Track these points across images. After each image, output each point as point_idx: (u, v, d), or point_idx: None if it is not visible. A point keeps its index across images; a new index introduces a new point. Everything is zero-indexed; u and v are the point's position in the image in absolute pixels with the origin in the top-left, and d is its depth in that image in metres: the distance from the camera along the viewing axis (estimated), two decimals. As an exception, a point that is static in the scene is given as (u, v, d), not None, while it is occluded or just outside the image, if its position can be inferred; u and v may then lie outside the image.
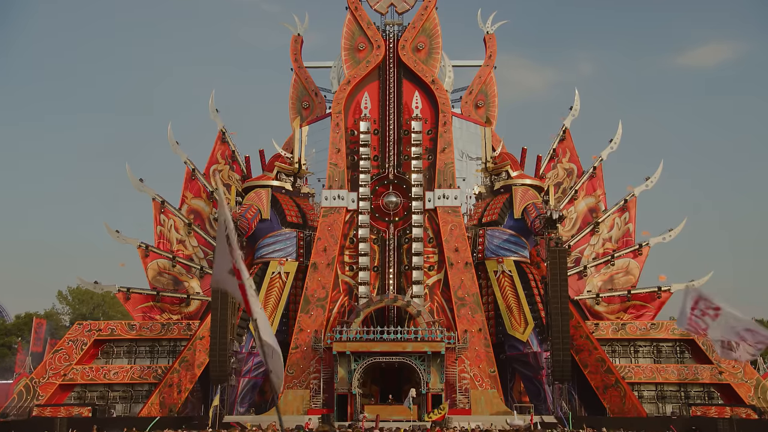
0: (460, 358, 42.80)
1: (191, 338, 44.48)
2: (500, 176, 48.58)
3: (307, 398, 42.57)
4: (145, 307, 48.18)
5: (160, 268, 48.95)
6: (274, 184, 48.19)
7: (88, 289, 72.38)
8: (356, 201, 46.51)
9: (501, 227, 47.09)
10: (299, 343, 43.93)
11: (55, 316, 78.54)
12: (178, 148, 51.65)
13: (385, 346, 40.86)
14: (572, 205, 49.61)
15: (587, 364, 42.95)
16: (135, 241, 49.22)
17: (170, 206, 50.23)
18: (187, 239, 49.87)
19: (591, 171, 50.23)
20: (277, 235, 47.16)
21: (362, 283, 45.45)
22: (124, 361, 46.30)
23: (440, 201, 46.10)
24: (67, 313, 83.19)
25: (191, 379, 43.85)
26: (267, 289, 45.62)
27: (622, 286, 47.44)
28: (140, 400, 45.05)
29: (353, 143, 48.06)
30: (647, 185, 48.90)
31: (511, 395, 45.72)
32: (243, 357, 44.18)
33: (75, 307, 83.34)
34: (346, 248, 46.73)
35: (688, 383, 43.53)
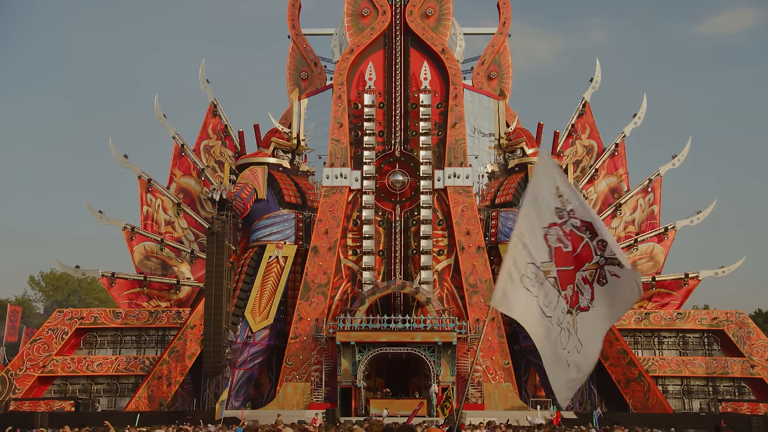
0: (472, 349, 42.82)
1: (181, 327, 44.35)
2: (515, 154, 48.42)
3: (307, 392, 42.57)
4: (131, 294, 48.06)
5: (147, 252, 48.78)
6: (270, 161, 47.90)
7: (64, 275, 72.47)
8: (360, 180, 46.30)
9: (516, 209, 46.93)
10: (299, 332, 43.86)
11: (27, 303, 78.34)
12: (165, 121, 51.33)
13: (392, 336, 40.82)
14: (592, 185, 49.56)
15: (608, 357, 42.98)
16: (120, 222, 49.02)
17: (158, 185, 49.99)
18: (176, 220, 49.67)
19: (613, 148, 50.15)
20: (275, 216, 46.95)
21: (366, 268, 45.34)
22: (109, 351, 46.18)
23: (450, 180, 45.93)
24: (40, 300, 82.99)
25: (182, 371, 43.76)
26: (264, 275, 45.45)
27: (645, 272, 47.50)
28: (126, 394, 44.98)
29: (357, 117, 47.77)
30: (674, 164, 48.92)
31: (525, 389, 45.82)
32: (238, 347, 44.09)
33: (49, 293, 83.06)
34: (349, 231, 46.56)
35: (717, 377, 43.72)
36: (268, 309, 44.96)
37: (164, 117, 51.25)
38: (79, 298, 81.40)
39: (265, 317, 44.88)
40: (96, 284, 75.56)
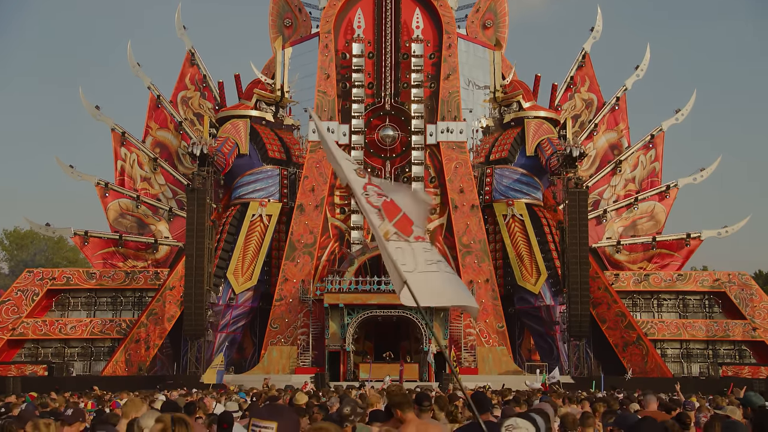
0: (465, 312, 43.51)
1: (160, 288, 44.79)
2: (511, 107, 48.77)
3: (294, 356, 43.30)
4: (105, 253, 48.29)
5: (123, 209, 48.93)
6: (253, 114, 47.96)
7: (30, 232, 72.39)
8: (348, 135, 46.52)
9: (511, 165, 47.50)
10: (284, 294, 44.44)
11: (-11, 263, 78.32)
12: (139, 70, 51.08)
13: (382, 298, 41.43)
14: (591, 140, 50.09)
15: (605, 319, 44.02)
16: (92, 178, 49.03)
17: (132, 138, 49.95)
18: (152, 176, 49.76)
19: (613, 102, 50.59)
20: (258, 172, 47.20)
21: (355, 227, 45.85)
22: (83, 314, 46.59)
23: (443, 135, 46.28)
24: (4, 260, 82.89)
25: (161, 334, 44.33)
26: (246, 234, 45.86)
27: (645, 232, 48.34)
28: (102, 358, 45.53)
29: (344, 68, 47.82)
30: (677, 119, 49.44)
31: (519, 353, 46.83)
32: (220, 310, 44.65)
33: (12, 252, 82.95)
34: (337, 188, 46.93)
35: (717, 340, 44.86)
36: (251, 270, 45.46)
37: (138, 66, 50.99)
38: (46, 257, 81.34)
39: (249, 278, 45.39)
40: (64, 243, 75.64)
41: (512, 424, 4.15)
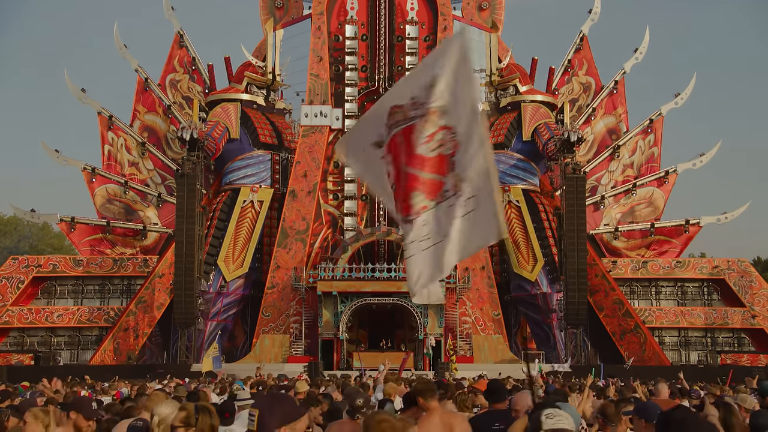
0: (461, 299, 43.84)
1: (149, 276, 44.85)
2: (507, 91, 48.84)
3: (286, 344, 43.49)
4: (93, 240, 48.26)
5: (110, 195, 48.89)
6: (243, 97, 47.92)
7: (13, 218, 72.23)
8: (341, 119, 46.57)
9: (507, 150, 47.61)
10: (276, 282, 44.57)
11: (-29, 250, 78.08)
12: (126, 52, 50.93)
13: (376, 285, 41.66)
14: (589, 125, 50.21)
15: (603, 307, 44.32)
16: (79, 162, 48.93)
17: (120, 122, 49.86)
18: (140, 161, 49.71)
19: (611, 86, 50.70)
20: (249, 157, 47.22)
21: (348, 213, 45.95)
22: (70, 301, 46.63)
23: (439, 119, 46.25)
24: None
25: (150, 322, 44.42)
26: (237, 220, 45.91)
27: (644, 218, 48.60)
28: (89, 347, 45.61)
29: (337, 51, 47.78)
30: (676, 103, 49.59)
31: (515, 341, 47.06)
32: (211, 297, 44.75)
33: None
34: (330, 173, 47.03)
35: (716, 328, 45.23)
36: (242, 257, 45.55)
37: (125, 48, 50.82)
38: (30, 244, 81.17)
39: (240, 266, 45.48)
40: (49, 230, 75.49)
41: (552, 413, 4.16)
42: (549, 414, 4.17)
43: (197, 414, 4.78)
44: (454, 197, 5.26)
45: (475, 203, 5.18)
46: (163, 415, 5.25)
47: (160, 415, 5.27)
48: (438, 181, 5.31)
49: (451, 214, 5.21)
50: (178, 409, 4.86)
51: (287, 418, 3.84)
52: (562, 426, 4.16)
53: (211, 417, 4.82)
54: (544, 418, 4.18)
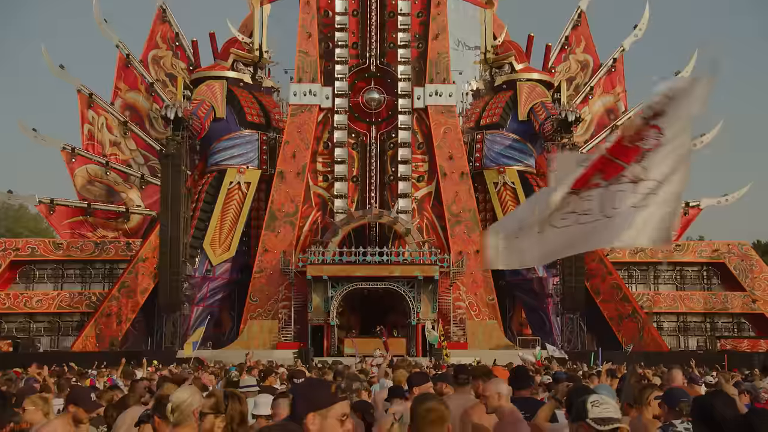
0: (454, 284, 44.12)
1: (132, 260, 44.89)
2: (502, 69, 49.00)
3: (275, 330, 43.72)
4: (73, 223, 48.21)
5: (91, 176, 48.81)
6: (229, 75, 47.87)
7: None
8: (331, 98, 46.58)
9: (503, 131, 47.81)
10: (264, 266, 44.72)
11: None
12: (107, 27, 50.69)
13: (368, 270, 41.89)
14: (586, 104, 50.48)
15: (600, 292, 44.70)
16: (57, 142, 48.79)
17: (100, 100, 49.71)
18: (122, 141, 49.63)
19: (610, 64, 50.92)
20: (235, 137, 47.24)
21: (338, 195, 46.06)
22: (49, 286, 46.63)
23: (432, 99, 46.45)
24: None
25: (133, 307, 44.49)
26: (224, 203, 45.98)
27: (642, 201, 48.93)
28: (70, 333, 45.67)
29: (327, 27, 47.71)
30: (677, 82, 49.81)
31: (510, 327, 47.41)
32: (196, 282, 44.88)
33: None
34: (320, 154, 47.09)
35: (716, 313, 45.73)
36: (229, 240, 45.66)
37: (105, 22, 50.58)
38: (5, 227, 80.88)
39: (226, 249, 45.60)
40: (25, 212, 75.18)
41: (598, 400, 4.11)
42: (595, 401, 4.10)
43: (227, 401, 4.85)
44: (629, 185, 5.55)
45: (653, 202, 5.48)
46: (179, 399, 5.32)
47: (177, 399, 5.33)
48: (619, 165, 5.64)
49: (620, 199, 5.51)
50: (206, 395, 4.92)
51: (318, 404, 3.83)
52: (608, 414, 4.09)
53: (241, 403, 4.90)
54: (589, 406, 4.10)
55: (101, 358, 37.92)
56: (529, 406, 6.00)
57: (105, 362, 34.61)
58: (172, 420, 5.18)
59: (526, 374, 6.98)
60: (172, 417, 5.18)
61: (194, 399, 5.34)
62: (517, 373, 6.85)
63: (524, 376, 6.81)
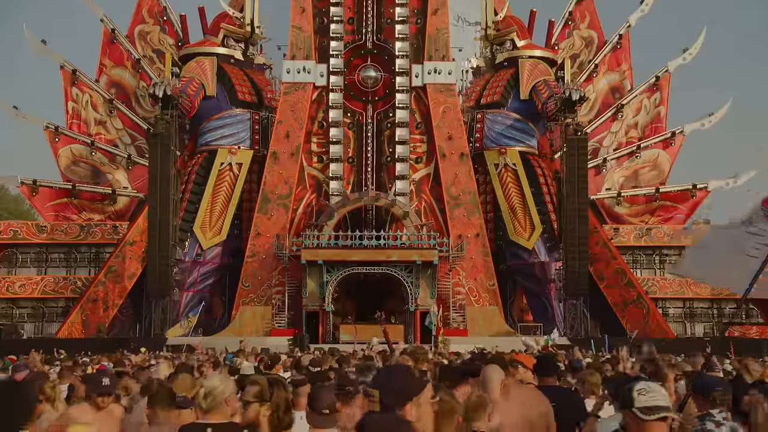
0: (454, 269, 44.40)
1: (119, 243, 45.09)
2: (504, 46, 49.06)
3: (268, 316, 43.97)
4: (57, 205, 48.27)
5: (75, 156, 48.84)
6: (220, 51, 47.88)
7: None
8: (326, 75, 46.62)
9: (504, 110, 47.96)
10: (257, 250, 44.93)
11: None
12: (91, 0, 50.57)
13: (364, 254, 42.11)
14: (590, 82, 50.56)
15: (604, 277, 45.03)
16: (40, 121, 48.78)
17: (85, 77, 49.66)
18: (108, 119, 49.63)
19: (615, 40, 50.97)
20: (226, 116, 47.32)
21: (334, 177, 46.22)
22: (33, 271, 46.84)
23: (430, 77, 46.54)
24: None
25: (120, 293, 44.75)
26: (215, 184, 46.13)
27: (648, 182, 49.20)
28: (55, 319, 45.86)
29: (322, 1, 47.65)
30: (684, 58, 49.87)
31: (511, 313, 47.73)
32: (187, 266, 45.10)
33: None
34: (314, 134, 47.21)
35: (723, 299, 46.09)
36: (220, 223, 45.86)
37: (89, -5, 50.49)
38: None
39: (217, 233, 45.80)
40: (6, 193, 75.06)
41: (645, 388, 4.06)
42: (641, 389, 4.07)
43: (271, 388, 4.92)
44: None
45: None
46: (211, 387, 5.54)
47: (209, 387, 5.54)
48: None
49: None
50: (249, 383, 5.04)
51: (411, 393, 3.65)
52: (656, 403, 4.05)
53: (285, 390, 4.99)
54: (635, 394, 4.06)
55: (88, 345, 38.18)
56: (556, 394, 6.09)
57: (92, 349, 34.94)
58: (204, 406, 5.40)
59: (552, 361, 7.12)
60: (204, 403, 5.41)
61: (226, 386, 5.57)
62: (543, 360, 6.98)
63: (550, 363, 6.94)
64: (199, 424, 5.48)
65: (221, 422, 5.46)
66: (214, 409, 5.43)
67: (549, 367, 6.81)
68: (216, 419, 5.46)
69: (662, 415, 4.05)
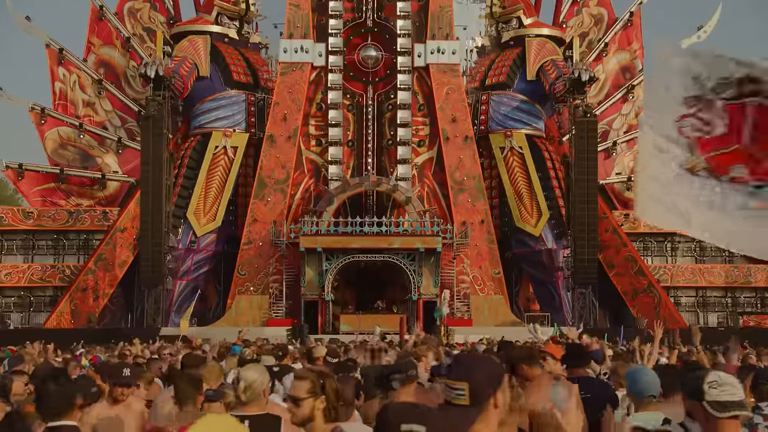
0: (458, 256, 44.67)
1: (109, 230, 45.27)
2: (510, 24, 49.17)
3: (265, 306, 44.25)
4: (44, 190, 48.38)
5: (63, 139, 48.93)
6: (213, 30, 47.98)
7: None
8: (324, 55, 46.73)
9: (510, 91, 48.12)
10: (253, 237, 45.16)
11: None
12: (78, -23, 50.68)
13: (365, 241, 42.36)
14: (600, 62, 50.70)
15: (613, 265, 45.30)
16: (25, 102, 48.86)
17: (72, 56, 49.73)
18: (97, 101, 49.72)
19: (626, 18, 51.08)
20: (221, 98, 47.45)
21: (333, 161, 46.42)
22: (19, 258, 47.07)
23: (434, 56, 46.66)
24: None
25: (111, 282, 44.97)
26: (209, 168, 46.30)
27: (660, 167, 49.36)
28: (43, 309, 46.12)
29: (320, -23, 47.76)
30: (699, 37, 49.84)
31: (516, 302, 48.09)
32: (180, 254, 45.32)
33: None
34: (312, 117, 47.37)
35: (738, 287, 46.45)
36: (215, 209, 46.07)
37: (77, -29, 50.55)
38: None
39: (212, 219, 46.01)
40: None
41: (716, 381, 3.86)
42: (713, 382, 3.87)
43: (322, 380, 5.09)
44: None
45: None
46: (251, 379, 5.78)
47: (249, 379, 5.78)
48: None
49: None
50: (297, 378, 5.22)
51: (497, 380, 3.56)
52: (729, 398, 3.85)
53: (335, 381, 5.20)
54: (706, 387, 3.86)
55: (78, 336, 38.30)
56: (587, 386, 6.18)
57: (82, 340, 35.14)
58: (244, 399, 5.67)
59: (582, 351, 7.29)
60: (243, 396, 5.67)
61: (264, 378, 5.85)
62: (572, 350, 7.15)
63: (579, 353, 7.11)
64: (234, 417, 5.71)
65: (258, 414, 5.72)
66: (252, 401, 5.69)
67: (578, 358, 7.00)
68: (253, 411, 5.72)
69: (735, 413, 3.84)
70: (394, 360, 8.10)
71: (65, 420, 5.06)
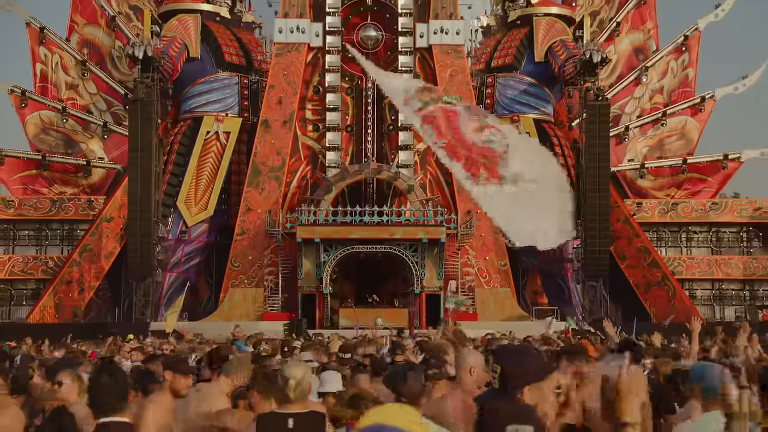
0: (463, 247, 44.88)
1: (95, 220, 45.40)
2: (517, 3, 49.35)
3: (260, 299, 44.45)
4: (25, 177, 48.45)
5: (45, 123, 48.97)
6: (204, 8, 48.09)
7: None
8: (322, 35, 46.86)
9: (517, 73, 48.32)
10: (247, 227, 45.34)
11: None
12: (60, -49, 50.65)
13: (366, 231, 42.55)
14: (612, 43, 50.73)
15: (625, 256, 45.57)
16: (5, 84, 48.82)
17: (54, 36, 49.69)
18: (81, 83, 49.74)
19: (640, -5, 51.23)
20: (212, 80, 47.58)
21: (331, 147, 46.57)
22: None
23: (437, 37, 46.80)
24: None
25: (97, 274, 45.13)
26: (200, 155, 46.48)
27: (675, 153, 49.50)
28: (25, 302, 46.23)
29: (317, -47, 47.85)
30: (716, 15, 49.87)
31: (523, 296, 48.33)
32: (170, 245, 45.51)
33: None
34: (309, 100, 47.54)
35: (756, 279, 46.73)
36: (206, 198, 46.25)
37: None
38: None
39: (203, 208, 46.19)
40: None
41: None
42: None
43: None
44: None
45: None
46: (300, 376, 6.05)
47: (297, 376, 6.05)
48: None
49: None
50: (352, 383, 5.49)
51: (534, 376, 3.82)
52: None
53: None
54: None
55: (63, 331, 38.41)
56: None
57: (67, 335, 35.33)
58: (293, 397, 5.95)
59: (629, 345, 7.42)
60: (292, 394, 5.95)
61: (309, 375, 6.15)
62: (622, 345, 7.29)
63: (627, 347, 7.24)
64: (279, 414, 5.98)
65: (303, 411, 6.00)
66: (299, 399, 5.97)
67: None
68: (297, 408, 5.99)
69: None
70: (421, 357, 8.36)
71: (118, 416, 5.24)
